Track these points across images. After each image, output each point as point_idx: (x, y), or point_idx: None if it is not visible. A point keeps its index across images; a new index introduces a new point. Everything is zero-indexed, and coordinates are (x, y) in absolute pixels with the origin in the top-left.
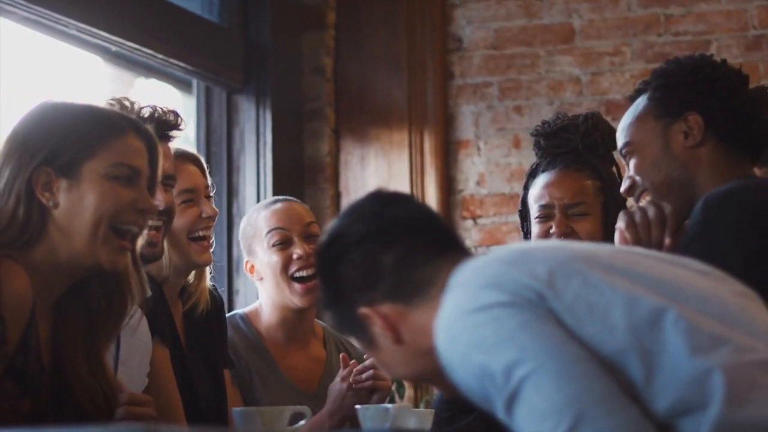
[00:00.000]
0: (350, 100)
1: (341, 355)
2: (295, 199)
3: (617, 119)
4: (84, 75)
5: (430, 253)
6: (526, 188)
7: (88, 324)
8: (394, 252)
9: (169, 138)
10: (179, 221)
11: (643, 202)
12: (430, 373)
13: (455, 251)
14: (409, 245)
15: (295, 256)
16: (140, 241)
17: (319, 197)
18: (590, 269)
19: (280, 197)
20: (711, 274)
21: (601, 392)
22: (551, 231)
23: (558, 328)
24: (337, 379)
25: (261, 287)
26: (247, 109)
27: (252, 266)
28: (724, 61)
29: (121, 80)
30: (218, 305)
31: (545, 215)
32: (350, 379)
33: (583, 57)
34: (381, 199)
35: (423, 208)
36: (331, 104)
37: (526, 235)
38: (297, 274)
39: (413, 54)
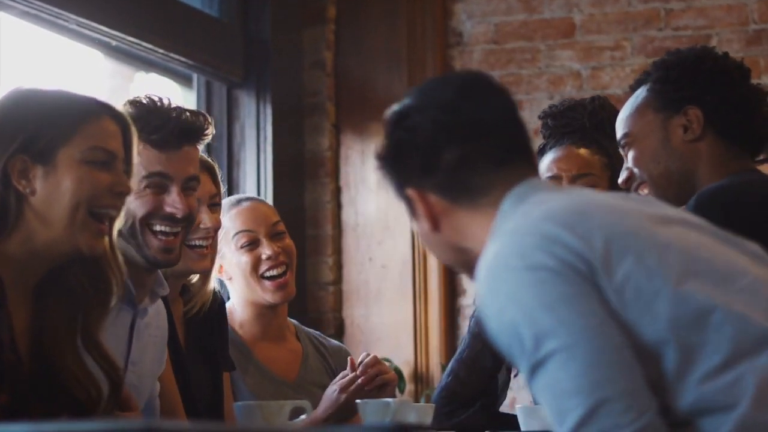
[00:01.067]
0: (351, 94)
1: (349, 358)
2: (258, 197)
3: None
4: (84, 69)
5: (492, 162)
6: None
7: (72, 309)
8: (456, 151)
9: (197, 141)
10: None
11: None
12: (458, 266)
13: (520, 165)
14: (474, 149)
15: (264, 257)
16: (117, 224)
17: (320, 192)
18: (646, 247)
19: (243, 196)
20: (764, 259)
21: (626, 386)
22: None
23: (600, 307)
24: (335, 387)
25: (231, 287)
26: (247, 104)
27: (220, 266)
28: (725, 54)
29: (121, 75)
30: (220, 307)
31: None
32: (359, 380)
33: (584, 51)
34: (467, 90)
35: (505, 109)
36: (332, 99)
37: None
38: (267, 274)
39: (413, 48)
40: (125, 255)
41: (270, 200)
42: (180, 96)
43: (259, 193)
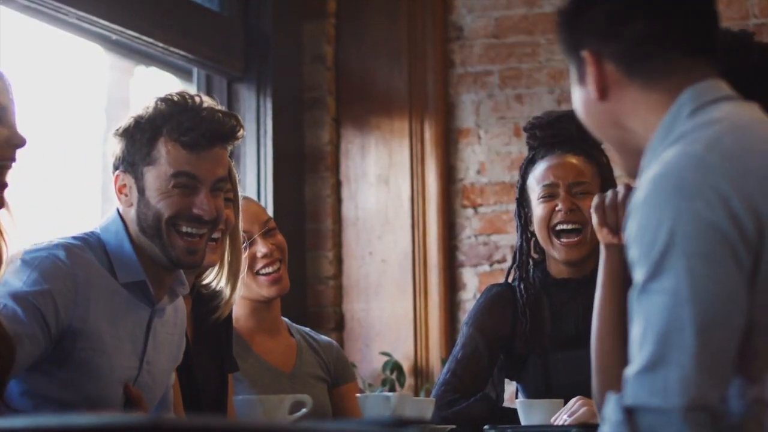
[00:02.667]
0: (351, 88)
1: None
2: (246, 195)
3: None
4: (84, 63)
5: (680, 46)
6: (524, 177)
7: None
8: (649, 26)
9: (227, 142)
10: None
11: None
12: (613, 142)
13: (705, 61)
14: (666, 27)
15: (259, 255)
16: (8, 174)
17: (320, 186)
18: None
19: None
20: None
21: (709, 364)
22: (557, 208)
23: (742, 278)
24: None
25: None
26: (247, 98)
27: None
28: (765, 44)
29: (121, 69)
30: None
31: (550, 194)
32: None
33: None
34: None
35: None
36: (332, 93)
37: (524, 224)
38: (263, 271)
39: (414, 43)
40: (147, 253)
41: (270, 194)
42: (180, 89)
43: (259, 188)
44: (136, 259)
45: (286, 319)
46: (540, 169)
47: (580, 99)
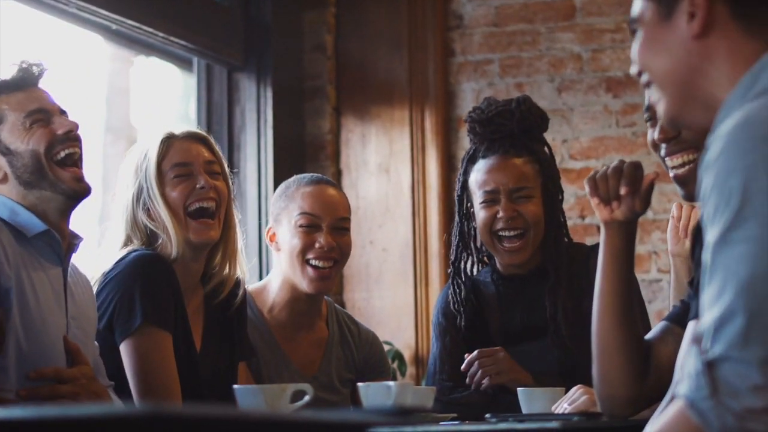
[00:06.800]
0: (351, 77)
1: None
2: (335, 183)
3: (619, 96)
4: (84, 53)
5: None
6: (465, 173)
7: None
8: None
9: (42, 77)
10: (173, 197)
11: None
12: (677, 83)
13: None
14: None
15: (317, 245)
16: None
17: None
18: None
19: (324, 178)
20: None
21: None
22: (498, 215)
23: None
24: None
25: (277, 258)
26: (247, 87)
27: (274, 234)
28: None
29: (121, 58)
30: (242, 298)
31: (491, 200)
32: None
33: (584, 34)
34: None
35: None
36: (332, 82)
37: (463, 218)
38: (313, 262)
39: (414, 31)
40: (40, 209)
41: (270, 184)
42: (180, 79)
43: (259, 177)
44: (33, 215)
45: (329, 300)
46: (481, 170)
47: (655, 36)
